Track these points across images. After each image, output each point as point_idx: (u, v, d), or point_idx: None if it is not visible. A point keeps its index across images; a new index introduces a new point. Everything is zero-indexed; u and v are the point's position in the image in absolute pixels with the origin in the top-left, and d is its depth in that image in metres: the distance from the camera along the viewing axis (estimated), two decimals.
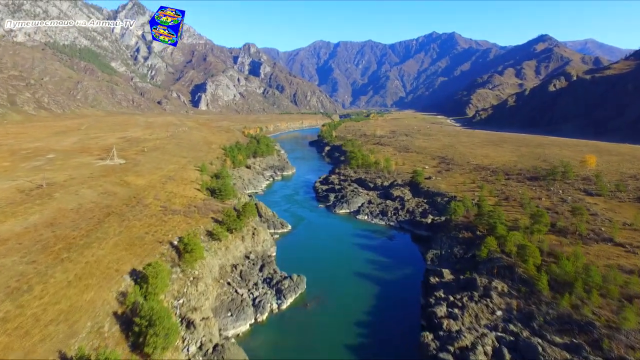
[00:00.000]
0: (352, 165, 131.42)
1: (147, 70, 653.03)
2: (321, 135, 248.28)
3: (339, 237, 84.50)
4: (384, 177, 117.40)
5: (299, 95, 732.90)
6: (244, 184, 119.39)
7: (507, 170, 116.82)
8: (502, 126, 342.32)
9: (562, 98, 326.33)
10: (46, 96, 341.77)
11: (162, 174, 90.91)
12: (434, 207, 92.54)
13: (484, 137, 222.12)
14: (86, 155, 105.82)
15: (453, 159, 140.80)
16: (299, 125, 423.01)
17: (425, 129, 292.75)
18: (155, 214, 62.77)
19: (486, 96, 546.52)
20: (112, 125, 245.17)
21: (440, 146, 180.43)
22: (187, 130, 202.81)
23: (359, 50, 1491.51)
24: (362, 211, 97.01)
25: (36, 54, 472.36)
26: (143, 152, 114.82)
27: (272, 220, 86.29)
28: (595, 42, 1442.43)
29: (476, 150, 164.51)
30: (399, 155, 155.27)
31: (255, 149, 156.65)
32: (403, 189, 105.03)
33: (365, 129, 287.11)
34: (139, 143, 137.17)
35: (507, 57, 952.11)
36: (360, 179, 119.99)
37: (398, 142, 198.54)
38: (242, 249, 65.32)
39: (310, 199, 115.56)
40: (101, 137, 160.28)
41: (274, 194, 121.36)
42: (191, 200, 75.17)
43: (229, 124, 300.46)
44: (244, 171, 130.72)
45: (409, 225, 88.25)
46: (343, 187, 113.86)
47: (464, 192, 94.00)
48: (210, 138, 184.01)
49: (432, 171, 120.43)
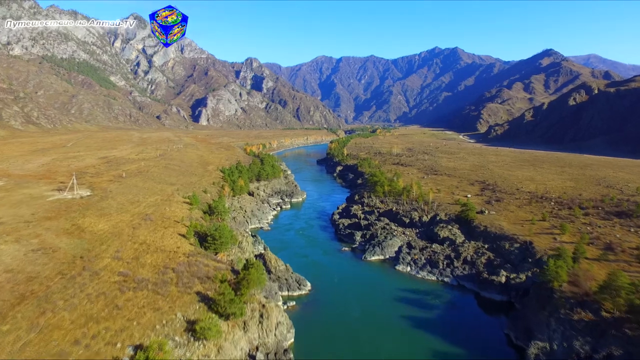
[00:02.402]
0: (378, 192, 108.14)
1: (147, 84, 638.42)
2: (331, 153, 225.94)
3: (377, 302, 60.84)
4: (421, 210, 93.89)
5: (302, 111, 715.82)
6: (246, 217, 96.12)
7: (573, 200, 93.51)
8: (521, 143, 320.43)
9: (585, 112, 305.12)
10: (36, 110, 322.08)
11: (137, 212, 67.72)
12: (501, 256, 68.91)
13: (514, 156, 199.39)
14: (45, 183, 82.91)
15: (496, 184, 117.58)
16: (303, 142, 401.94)
17: (443, 146, 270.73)
18: (107, 292, 39.37)
19: (497, 111, 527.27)
20: (101, 142, 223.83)
21: (470, 167, 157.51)
22: (182, 148, 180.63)
23: (361, 65, 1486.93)
24: (402, 259, 73.36)
25: (31, 67, 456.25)
26: (120, 179, 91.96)
27: (284, 278, 62.69)
28: (599, 57, 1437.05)
29: (515, 172, 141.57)
30: (428, 179, 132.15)
31: (259, 170, 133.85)
32: (451, 228, 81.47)
33: (377, 146, 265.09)
34: (120, 165, 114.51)
35: (512, 71, 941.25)
36: (391, 211, 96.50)
37: (420, 161, 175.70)
38: (243, 343, 41.58)
39: (330, 237, 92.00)
40: (80, 156, 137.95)
41: (283, 229, 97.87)
42: (170, 256, 51.78)
43: (229, 141, 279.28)
44: (246, 200, 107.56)
45: (473, 284, 64.57)
46: (371, 223, 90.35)
47: (538, 235, 70.61)
48: (208, 157, 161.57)
49: (478, 201, 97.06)
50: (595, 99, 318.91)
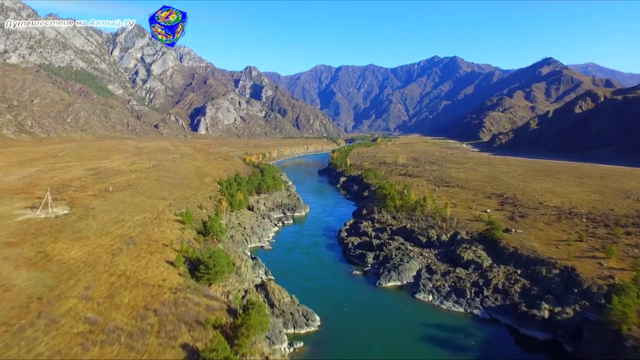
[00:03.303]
0: (389, 206, 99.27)
1: (145, 93, 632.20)
2: (333, 163, 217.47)
3: (398, 340, 51.88)
4: (438, 228, 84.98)
5: (301, 119, 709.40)
6: (245, 235, 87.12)
7: (606, 216, 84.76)
8: (527, 151, 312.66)
9: (593, 120, 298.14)
10: (30, 119, 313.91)
11: (119, 234, 58.74)
12: (538, 284, 59.88)
13: (525, 166, 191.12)
14: (20, 198, 73.96)
15: (515, 197, 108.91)
16: (304, 151, 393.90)
17: (448, 155, 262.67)
18: (64, 350, 30.16)
19: (499, 119, 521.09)
20: (95, 151, 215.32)
21: (482, 178, 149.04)
22: (178, 158, 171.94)
23: (360, 74, 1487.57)
24: (423, 286, 64.29)
25: (27, 75, 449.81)
26: (106, 193, 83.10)
27: (290, 312, 53.52)
28: (597, 66, 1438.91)
29: (531, 184, 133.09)
30: (440, 191, 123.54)
31: (259, 182, 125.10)
32: (475, 249, 72.54)
33: (381, 155, 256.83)
34: (109, 177, 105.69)
35: (512, 80, 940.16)
36: (405, 229, 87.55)
37: (428, 172, 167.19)
38: None
39: (338, 258, 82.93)
40: (68, 167, 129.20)
41: (286, 248, 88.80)
42: (154, 292, 42.75)
43: (228, 150, 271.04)
44: (245, 215, 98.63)
45: (509, 318, 55.46)
46: (384, 242, 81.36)
47: (579, 259, 61.73)
48: (205, 168, 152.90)
49: (500, 217, 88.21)
50: (602, 107, 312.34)
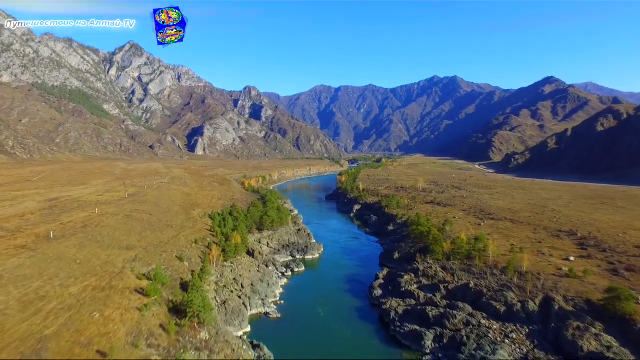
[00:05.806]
0: (436, 252, 74.39)
1: (142, 112, 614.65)
2: (343, 188, 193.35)
3: None
4: (516, 288, 59.85)
5: (302, 140, 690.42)
6: (243, 298, 61.84)
7: None
8: (547, 173, 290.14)
9: (620, 138, 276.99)
10: (12, 139, 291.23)
11: (21, 334, 33.52)
12: None
13: (566, 191, 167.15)
14: None
15: (592, 235, 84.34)
16: (306, 173, 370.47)
17: (469, 178, 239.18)
18: None
19: (508, 139, 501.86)
20: (77, 174, 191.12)
21: (527, 207, 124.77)
22: (166, 183, 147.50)
23: (360, 94, 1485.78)
24: None
25: (17, 94, 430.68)
26: (43, 242, 58.26)
27: None
28: (596, 85, 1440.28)
29: (593, 215, 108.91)
30: (486, 226, 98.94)
31: (261, 216, 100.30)
32: (595, 331, 47.49)
33: (394, 178, 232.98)
34: (65, 213, 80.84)
35: (513, 99, 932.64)
36: (467, 287, 62.41)
37: (458, 199, 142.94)
38: None
39: (376, 334, 57.45)
40: (23, 197, 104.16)
41: (299, 316, 63.12)
42: None
43: (225, 172, 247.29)
44: (243, 265, 73.49)
45: None
46: (444, 314, 56.09)
47: None
48: (195, 196, 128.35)
49: (593, 270, 63.54)
50: (626, 123, 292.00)
